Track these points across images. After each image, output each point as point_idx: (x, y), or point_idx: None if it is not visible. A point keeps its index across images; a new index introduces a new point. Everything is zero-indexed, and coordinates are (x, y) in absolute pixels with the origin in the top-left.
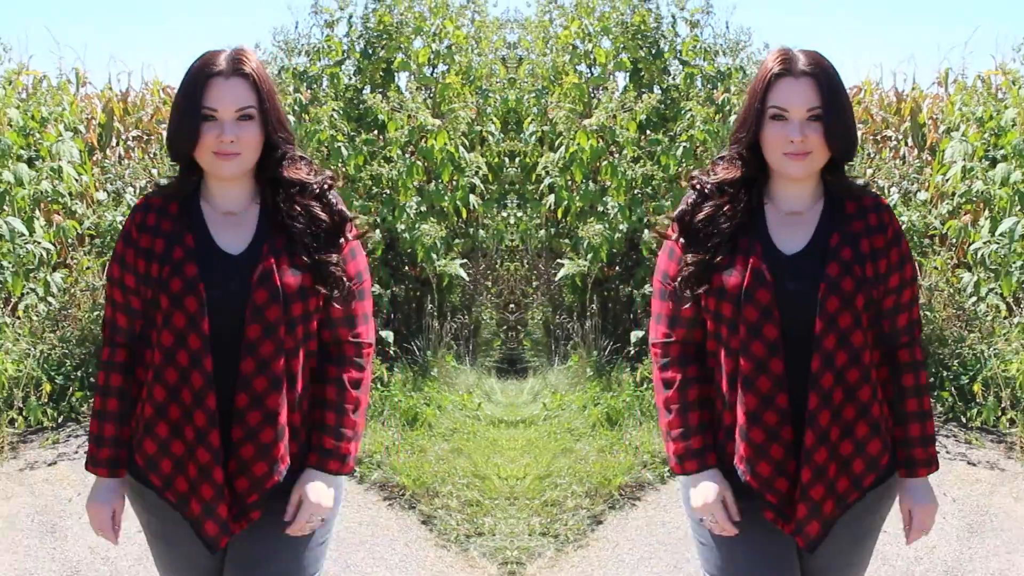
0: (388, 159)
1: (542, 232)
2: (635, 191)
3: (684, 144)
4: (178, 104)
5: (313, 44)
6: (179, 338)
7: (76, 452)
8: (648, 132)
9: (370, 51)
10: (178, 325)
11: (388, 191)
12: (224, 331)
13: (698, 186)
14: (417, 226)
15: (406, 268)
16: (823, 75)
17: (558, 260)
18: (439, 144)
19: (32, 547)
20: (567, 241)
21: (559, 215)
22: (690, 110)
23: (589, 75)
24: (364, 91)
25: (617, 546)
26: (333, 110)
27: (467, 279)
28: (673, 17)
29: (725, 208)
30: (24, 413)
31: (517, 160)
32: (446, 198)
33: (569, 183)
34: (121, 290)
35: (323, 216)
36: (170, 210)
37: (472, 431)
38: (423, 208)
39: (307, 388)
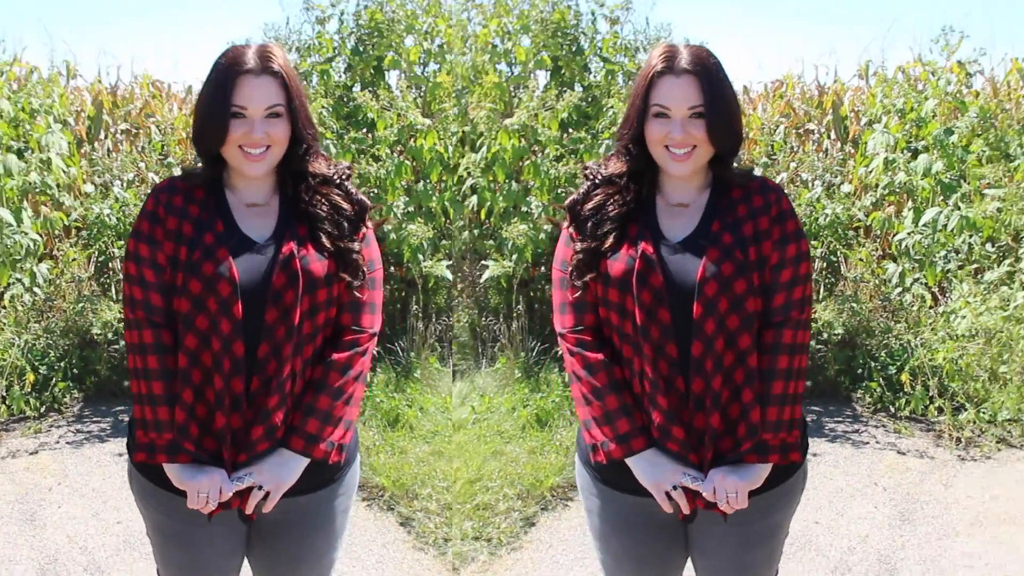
0: (376, 158)
1: (465, 234)
2: (559, 190)
3: (607, 141)
4: (206, 101)
5: (304, 40)
6: (212, 323)
7: (57, 442)
8: (570, 130)
9: (361, 48)
10: (211, 309)
11: (376, 190)
12: (247, 316)
13: (591, 176)
14: (404, 226)
15: (392, 268)
16: (705, 72)
17: (483, 262)
18: (428, 144)
19: (11, 535)
20: (491, 242)
21: (482, 216)
22: (612, 107)
23: (509, 74)
24: (354, 89)
25: (551, 547)
26: (322, 107)
27: (453, 280)
28: (593, 14)
29: (615, 197)
30: (7, 402)
31: None
32: (434, 198)
33: (492, 183)
34: (154, 270)
35: (345, 205)
36: (196, 195)
37: (452, 434)
38: (411, 208)
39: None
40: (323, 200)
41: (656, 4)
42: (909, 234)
